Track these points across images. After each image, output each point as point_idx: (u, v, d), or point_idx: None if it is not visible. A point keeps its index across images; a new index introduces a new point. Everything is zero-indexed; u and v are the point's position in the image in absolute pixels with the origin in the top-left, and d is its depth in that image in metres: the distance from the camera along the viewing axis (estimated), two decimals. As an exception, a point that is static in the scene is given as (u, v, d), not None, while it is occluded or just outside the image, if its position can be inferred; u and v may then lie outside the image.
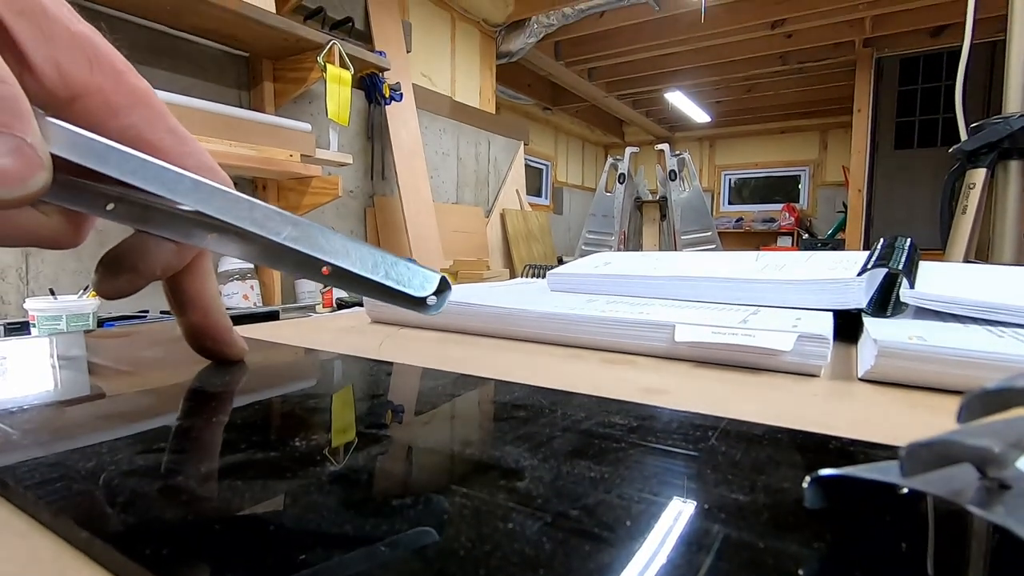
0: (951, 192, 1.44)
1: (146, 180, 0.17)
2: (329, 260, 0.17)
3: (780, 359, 0.29)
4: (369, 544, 0.12)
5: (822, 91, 5.06)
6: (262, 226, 0.17)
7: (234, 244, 0.19)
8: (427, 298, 0.17)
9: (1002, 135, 1.28)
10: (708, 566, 0.11)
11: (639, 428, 0.19)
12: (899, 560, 0.11)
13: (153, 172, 0.17)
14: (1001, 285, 0.41)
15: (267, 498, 0.13)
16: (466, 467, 0.16)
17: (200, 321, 0.26)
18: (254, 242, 0.18)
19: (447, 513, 0.13)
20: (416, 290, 0.17)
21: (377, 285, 0.17)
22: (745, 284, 0.42)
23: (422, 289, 0.17)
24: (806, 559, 0.11)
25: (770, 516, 0.13)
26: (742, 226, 6.08)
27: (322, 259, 0.17)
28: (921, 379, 0.26)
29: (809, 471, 0.15)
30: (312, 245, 0.17)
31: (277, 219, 0.17)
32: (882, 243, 0.46)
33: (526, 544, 0.11)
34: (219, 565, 0.11)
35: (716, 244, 2.97)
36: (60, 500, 0.13)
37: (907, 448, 0.11)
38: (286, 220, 0.17)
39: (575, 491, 0.14)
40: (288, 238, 0.17)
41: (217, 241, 0.19)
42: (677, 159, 3.05)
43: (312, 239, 0.17)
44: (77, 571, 0.11)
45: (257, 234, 0.17)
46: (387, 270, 0.17)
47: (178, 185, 0.17)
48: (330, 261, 0.17)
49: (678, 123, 6.30)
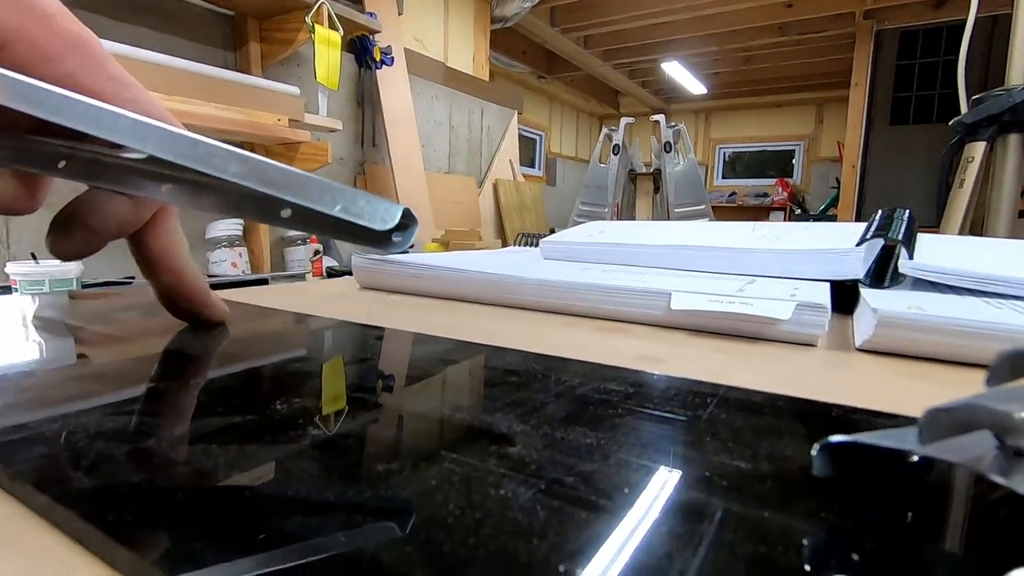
0: (949, 166, 1.44)
1: (79, 119, 0.16)
2: (284, 197, 0.16)
3: (778, 328, 0.28)
4: (355, 511, 0.11)
5: (820, 64, 5.00)
6: (207, 163, 0.16)
7: (188, 195, 0.18)
8: (391, 232, 0.15)
9: (1003, 107, 1.27)
10: (711, 535, 0.10)
11: (635, 395, 0.18)
12: (910, 529, 0.11)
13: (87, 111, 0.16)
14: (998, 257, 0.41)
15: (242, 464, 0.13)
16: (457, 433, 0.15)
17: (172, 282, 0.25)
18: (209, 190, 0.17)
19: (436, 479, 0.12)
20: (377, 224, 0.15)
21: (335, 221, 0.15)
22: (742, 253, 0.41)
23: (383, 223, 0.15)
24: (811, 529, 0.10)
25: (773, 484, 0.12)
26: (735, 200, 6.06)
27: (278, 196, 0.16)
28: (919, 349, 0.26)
29: (812, 439, 0.14)
30: (263, 181, 0.16)
31: (223, 155, 0.16)
32: (881, 214, 0.46)
33: (519, 512, 0.11)
34: (185, 531, 0.10)
35: (709, 218, 2.97)
36: (19, 463, 0.12)
37: (927, 413, 0.10)
38: (232, 156, 0.16)
39: (570, 458, 0.13)
40: (236, 175, 0.16)
41: (172, 193, 0.18)
42: (672, 131, 3.01)
43: (263, 173, 0.16)
44: (39, 537, 0.11)
45: (206, 175, 0.16)
46: (345, 204, 0.15)
47: (116, 123, 0.16)
48: (285, 198, 0.16)
49: (674, 95, 6.21)
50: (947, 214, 1.42)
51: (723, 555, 0.09)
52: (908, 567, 0.09)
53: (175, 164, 0.17)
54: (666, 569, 0.09)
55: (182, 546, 0.10)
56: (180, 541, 0.10)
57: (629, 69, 5.35)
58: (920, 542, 0.10)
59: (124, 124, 0.16)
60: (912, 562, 0.09)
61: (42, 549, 0.10)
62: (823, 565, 0.09)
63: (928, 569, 0.09)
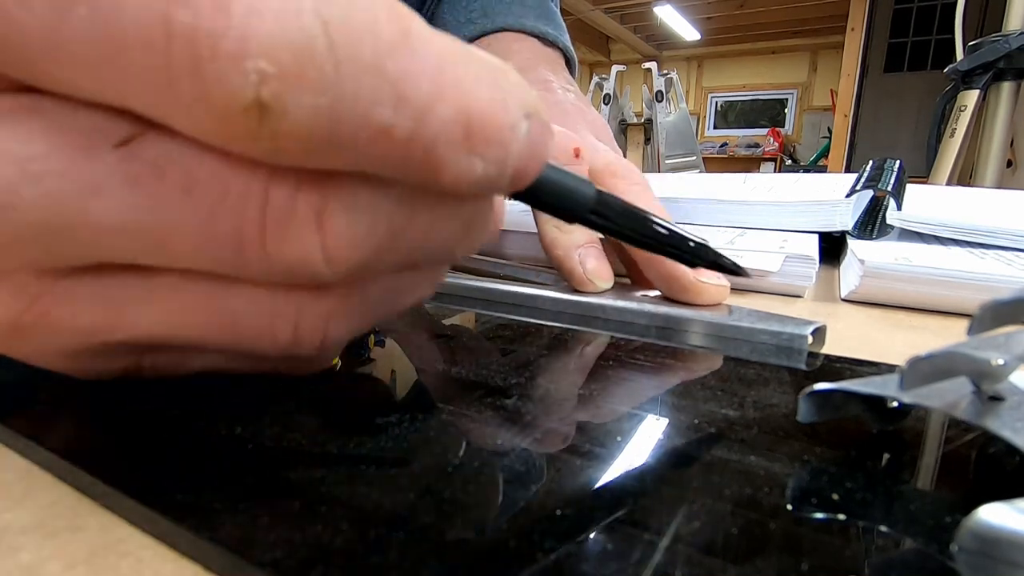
0: (942, 115, 1.42)
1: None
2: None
3: (767, 280, 0.28)
4: (353, 463, 0.11)
5: (816, 7, 4.86)
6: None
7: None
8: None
9: (999, 54, 1.25)
10: (699, 480, 0.11)
11: (624, 344, 0.19)
12: (889, 473, 0.11)
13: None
14: (983, 208, 0.41)
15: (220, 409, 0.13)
16: (447, 384, 0.16)
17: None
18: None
19: (433, 430, 0.12)
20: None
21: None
22: (732, 205, 0.41)
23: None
24: (796, 473, 0.11)
25: (760, 430, 0.13)
26: (726, 151, 6.00)
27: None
28: (904, 299, 0.27)
29: (797, 388, 0.15)
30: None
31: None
32: (871, 165, 0.46)
33: (515, 460, 0.11)
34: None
35: (700, 169, 2.94)
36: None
37: (909, 361, 0.10)
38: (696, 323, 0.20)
39: (562, 407, 0.14)
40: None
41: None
42: (664, 79, 2.94)
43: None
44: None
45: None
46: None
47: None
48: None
49: (666, 41, 6.04)
50: (937, 164, 1.42)
51: (710, 496, 0.10)
52: (884, 505, 0.10)
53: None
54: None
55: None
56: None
57: (620, 14, 5.17)
58: (895, 482, 0.11)
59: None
60: (888, 500, 0.10)
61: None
62: (805, 503, 0.10)
63: (903, 506, 0.10)
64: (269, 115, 0.08)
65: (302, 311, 0.11)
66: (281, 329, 0.11)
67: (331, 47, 0.08)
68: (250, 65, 0.07)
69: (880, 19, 3.91)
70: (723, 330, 0.19)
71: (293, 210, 0.09)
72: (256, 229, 0.09)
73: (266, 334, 0.11)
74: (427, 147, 0.09)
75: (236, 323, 0.11)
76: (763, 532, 0.09)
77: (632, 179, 0.24)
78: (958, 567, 0.08)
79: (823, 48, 5.74)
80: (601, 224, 0.14)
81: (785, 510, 0.10)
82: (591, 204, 0.14)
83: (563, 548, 0.09)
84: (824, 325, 0.19)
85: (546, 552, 0.08)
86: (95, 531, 0.10)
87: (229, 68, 0.07)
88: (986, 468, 0.11)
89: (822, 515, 0.10)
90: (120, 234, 0.09)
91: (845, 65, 3.95)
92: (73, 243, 0.09)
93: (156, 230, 0.09)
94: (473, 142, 0.09)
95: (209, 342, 0.11)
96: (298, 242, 0.09)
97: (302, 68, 0.07)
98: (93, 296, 0.11)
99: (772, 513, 0.10)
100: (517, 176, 0.10)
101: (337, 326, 0.11)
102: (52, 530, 0.10)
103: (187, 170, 0.09)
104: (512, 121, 0.10)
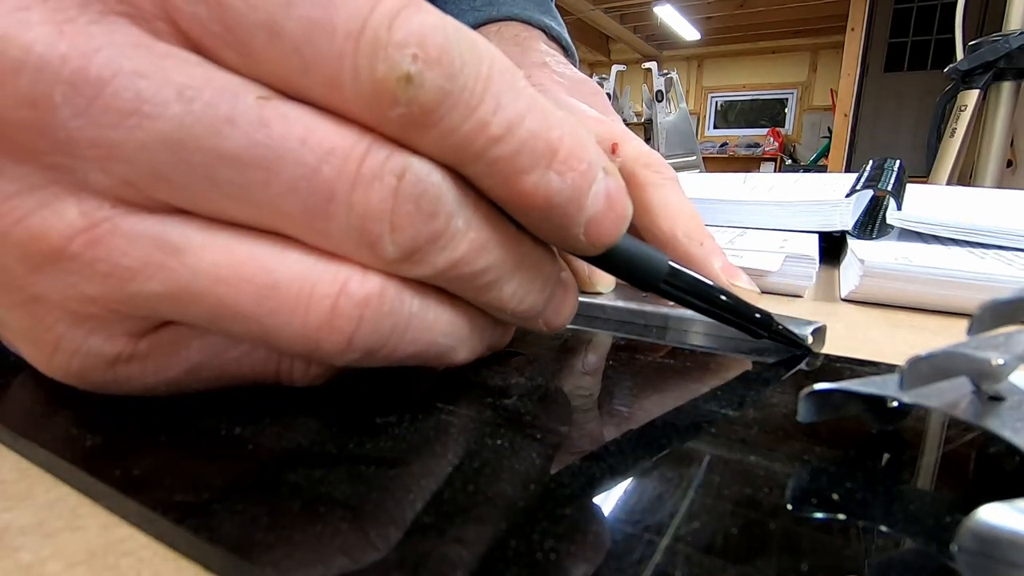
0: (942, 115, 1.42)
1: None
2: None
3: (767, 280, 0.28)
4: (353, 463, 0.11)
5: (816, 7, 4.86)
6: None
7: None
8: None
9: (999, 54, 1.25)
10: (699, 479, 0.11)
11: (625, 344, 0.19)
12: (890, 473, 0.11)
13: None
14: (983, 208, 0.41)
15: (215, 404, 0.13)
16: (447, 384, 0.16)
17: None
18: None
19: (434, 430, 0.12)
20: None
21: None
22: (732, 205, 0.41)
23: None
24: (796, 473, 0.11)
25: (760, 430, 0.13)
26: (726, 151, 6.00)
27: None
28: (904, 299, 0.27)
29: (797, 387, 0.15)
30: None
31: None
32: (872, 164, 0.46)
33: (515, 460, 0.11)
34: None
35: (700, 168, 2.94)
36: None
37: (909, 361, 0.10)
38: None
39: (562, 407, 0.14)
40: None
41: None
42: (664, 79, 2.94)
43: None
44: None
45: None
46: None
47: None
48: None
49: (666, 41, 6.04)
50: (937, 164, 1.41)
51: (710, 496, 0.10)
52: (885, 504, 0.10)
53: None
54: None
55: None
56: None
57: (620, 13, 5.17)
58: (895, 482, 0.11)
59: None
60: (888, 500, 0.10)
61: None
62: (805, 503, 0.10)
63: (903, 506, 0.10)
64: (411, 84, 0.10)
65: (344, 289, 0.11)
66: (317, 304, 0.11)
67: (460, 53, 0.10)
68: (408, 51, 0.10)
69: (880, 19, 3.90)
70: (723, 330, 0.19)
71: (381, 173, 0.11)
72: (349, 183, 0.11)
73: (300, 309, 0.11)
74: (514, 150, 0.11)
75: (274, 290, 0.11)
76: (763, 532, 0.09)
77: (665, 173, 0.24)
78: (958, 567, 0.08)
79: (823, 48, 5.73)
80: (671, 293, 0.15)
81: (785, 510, 0.10)
82: (664, 276, 0.14)
83: (563, 548, 0.09)
84: (824, 325, 0.19)
85: (546, 552, 0.08)
86: (95, 531, 0.10)
87: (395, 52, 0.10)
88: (986, 468, 0.11)
89: (822, 515, 0.10)
90: (233, 165, 0.10)
91: (845, 65, 3.95)
92: (185, 169, 0.10)
93: (266, 169, 0.10)
94: (553, 160, 0.11)
95: (237, 311, 0.11)
96: (377, 195, 0.11)
97: (440, 59, 0.10)
98: (150, 237, 0.11)
99: (772, 513, 0.10)
100: (594, 227, 0.12)
101: (367, 326, 0.11)
102: (52, 530, 0.10)
103: (308, 125, 0.11)
104: (590, 159, 0.12)
